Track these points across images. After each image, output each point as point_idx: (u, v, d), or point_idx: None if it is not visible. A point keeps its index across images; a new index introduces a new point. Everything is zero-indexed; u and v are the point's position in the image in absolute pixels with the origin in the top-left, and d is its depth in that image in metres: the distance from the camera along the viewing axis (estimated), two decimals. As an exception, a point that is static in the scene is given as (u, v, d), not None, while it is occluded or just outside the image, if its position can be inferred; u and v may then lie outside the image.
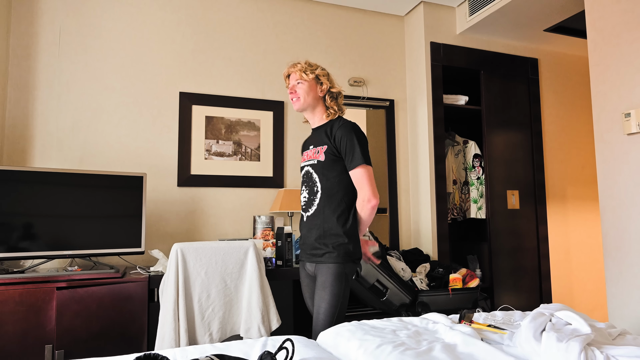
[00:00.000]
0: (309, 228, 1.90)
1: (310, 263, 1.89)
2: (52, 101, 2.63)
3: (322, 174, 1.85)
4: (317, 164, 1.87)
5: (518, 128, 3.54)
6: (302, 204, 1.96)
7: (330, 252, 1.80)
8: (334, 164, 1.84)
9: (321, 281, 1.81)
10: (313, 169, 1.89)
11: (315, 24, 3.30)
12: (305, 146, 2.05)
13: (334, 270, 1.79)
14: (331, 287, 1.78)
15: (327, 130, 1.90)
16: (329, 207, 1.83)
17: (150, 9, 2.88)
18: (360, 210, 1.82)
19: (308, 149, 1.99)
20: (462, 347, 1.25)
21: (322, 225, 1.84)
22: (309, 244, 1.90)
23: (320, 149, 1.89)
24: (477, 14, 3.22)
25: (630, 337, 1.36)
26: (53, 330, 1.97)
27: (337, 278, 1.79)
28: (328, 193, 1.84)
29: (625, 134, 2.18)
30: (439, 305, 2.49)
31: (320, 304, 1.79)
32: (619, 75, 2.21)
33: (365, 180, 1.79)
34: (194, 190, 2.88)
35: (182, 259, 2.01)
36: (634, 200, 2.14)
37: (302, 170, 1.99)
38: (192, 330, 2.00)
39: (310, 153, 1.96)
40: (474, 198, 3.41)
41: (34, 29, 2.63)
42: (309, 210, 1.90)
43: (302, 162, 2.02)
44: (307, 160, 1.96)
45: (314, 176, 1.88)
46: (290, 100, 1.98)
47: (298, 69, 1.93)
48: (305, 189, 1.94)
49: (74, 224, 2.26)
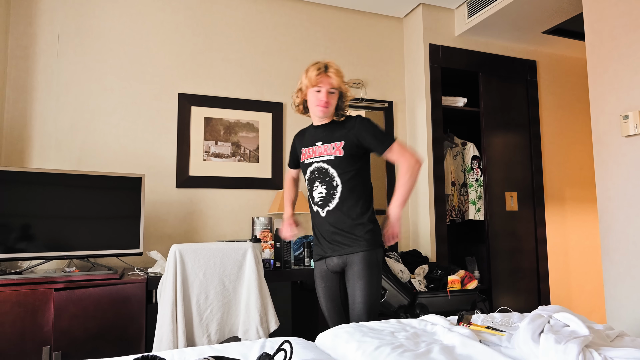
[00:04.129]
0: (331, 222, 1.88)
1: (339, 256, 1.87)
2: (50, 102, 2.63)
3: (340, 169, 1.87)
4: (335, 159, 1.88)
5: (516, 130, 3.54)
6: (316, 200, 1.92)
7: (360, 240, 1.84)
8: (352, 158, 1.89)
9: (355, 271, 1.82)
10: (329, 164, 1.89)
11: (314, 26, 3.30)
12: (306, 142, 2.01)
13: (368, 257, 1.83)
14: (368, 275, 1.82)
15: (340, 127, 1.93)
16: (351, 199, 1.87)
17: (149, 10, 2.88)
18: (410, 175, 1.84)
19: (313, 145, 1.96)
20: (460, 349, 1.24)
21: (348, 217, 1.86)
22: (333, 239, 1.88)
23: (336, 145, 1.89)
24: (476, 16, 3.22)
25: (629, 339, 1.36)
26: (50, 331, 1.97)
27: (372, 265, 1.84)
28: (349, 186, 1.87)
29: (623, 135, 2.18)
30: (437, 307, 2.49)
31: (357, 293, 1.81)
32: (617, 78, 2.22)
33: (405, 148, 1.88)
34: (192, 191, 2.88)
35: (181, 260, 2.01)
36: (631, 202, 2.15)
37: (309, 167, 1.96)
38: (190, 331, 1.99)
39: (320, 149, 1.93)
40: (472, 200, 3.42)
41: (32, 30, 2.63)
42: (329, 205, 1.89)
43: (306, 159, 1.98)
44: (318, 156, 1.93)
45: (331, 171, 1.89)
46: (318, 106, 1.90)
47: (336, 77, 1.89)
48: (320, 185, 1.91)
49: (72, 225, 2.25)
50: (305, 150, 2.00)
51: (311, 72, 1.90)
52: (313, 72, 1.89)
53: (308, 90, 1.92)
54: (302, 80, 1.94)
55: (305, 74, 1.93)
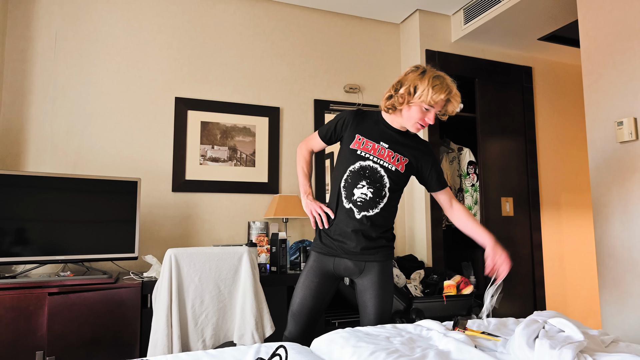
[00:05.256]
0: (363, 228, 1.79)
1: (356, 261, 1.81)
2: (46, 105, 2.62)
3: (394, 183, 1.81)
4: (395, 172, 1.80)
5: (512, 135, 3.56)
6: (355, 198, 1.78)
7: (384, 250, 1.84)
8: (406, 178, 1.86)
9: (377, 280, 1.80)
10: (386, 172, 1.79)
11: (311, 31, 3.32)
12: (369, 132, 1.83)
13: (386, 267, 1.83)
14: (390, 286, 1.83)
15: (412, 145, 1.86)
16: (390, 213, 1.85)
17: (147, 15, 2.89)
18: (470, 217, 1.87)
19: (377, 142, 1.81)
20: (455, 354, 1.24)
21: (381, 227, 1.82)
22: (358, 242, 1.79)
23: (401, 159, 1.82)
24: (472, 22, 3.25)
25: (623, 345, 1.37)
26: (44, 336, 1.95)
27: (390, 275, 1.84)
28: (393, 201, 1.84)
29: (617, 142, 2.20)
30: (433, 312, 2.49)
31: (373, 301, 1.79)
32: (612, 84, 2.24)
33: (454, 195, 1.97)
34: (188, 195, 2.87)
35: (176, 265, 2.00)
36: (626, 208, 2.16)
37: (361, 160, 1.79)
38: (185, 336, 1.98)
39: (383, 152, 1.80)
40: (468, 205, 3.43)
41: (29, 33, 2.63)
42: (369, 211, 1.78)
43: (362, 150, 1.80)
44: (378, 157, 1.80)
45: (385, 180, 1.79)
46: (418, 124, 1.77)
47: (457, 105, 1.77)
48: (367, 186, 1.78)
49: (67, 229, 2.24)
50: (364, 141, 1.82)
51: (437, 91, 1.69)
52: (440, 94, 1.69)
53: (418, 104, 1.72)
54: (419, 88, 1.71)
55: (424, 84, 1.70)
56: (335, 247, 1.82)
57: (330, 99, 3.31)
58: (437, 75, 1.73)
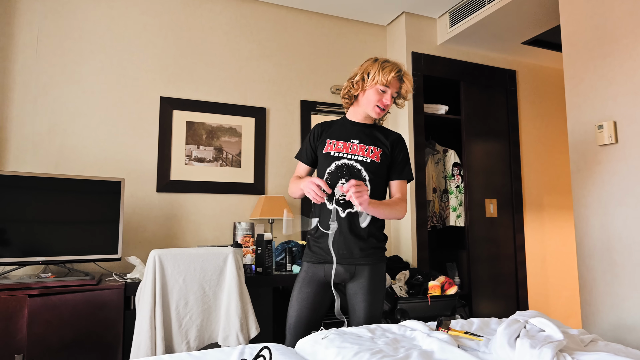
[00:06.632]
0: (349, 226, 1.77)
1: (347, 265, 1.77)
2: (28, 104, 2.57)
3: (373, 174, 1.80)
4: (371, 163, 1.80)
5: (496, 138, 3.61)
6: (340, 197, 1.77)
7: (377, 251, 1.81)
8: (384, 168, 1.84)
9: (367, 285, 1.76)
10: (362, 165, 1.80)
11: (298, 32, 3.32)
12: (337, 134, 1.87)
13: (378, 270, 1.80)
14: (381, 290, 1.80)
15: (382, 135, 1.87)
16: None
17: (132, 13, 2.86)
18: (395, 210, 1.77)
19: (347, 141, 1.84)
20: (438, 354, 1.26)
21: (371, 225, 1.79)
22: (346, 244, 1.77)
23: (374, 150, 1.82)
24: (458, 26, 3.28)
25: (602, 344, 1.40)
26: (24, 339, 1.92)
27: (382, 279, 1.81)
28: (376, 193, 1.82)
29: (598, 145, 2.24)
30: (418, 313, 2.51)
31: (362, 305, 1.76)
32: (592, 88, 2.28)
33: (406, 193, 1.89)
34: (173, 196, 2.84)
35: (160, 266, 1.99)
36: (606, 209, 2.20)
37: (336, 160, 1.81)
38: (169, 338, 1.96)
39: (355, 148, 1.82)
40: (453, 206, 3.46)
41: (10, 30, 2.58)
42: (354, 207, 1.76)
43: (335, 151, 1.83)
44: (351, 153, 1.81)
45: (363, 173, 1.79)
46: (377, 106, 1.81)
47: (410, 85, 1.82)
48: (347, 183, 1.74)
49: (49, 230, 2.21)
50: (335, 143, 1.85)
51: (387, 70, 1.77)
52: (390, 72, 1.77)
53: (372, 86, 1.79)
54: (370, 72, 1.79)
55: (375, 67, 1.79)
56: (324, 254, 1.80)
57: (316, 100, 3.31)
58: (387, 60, 1.83)
